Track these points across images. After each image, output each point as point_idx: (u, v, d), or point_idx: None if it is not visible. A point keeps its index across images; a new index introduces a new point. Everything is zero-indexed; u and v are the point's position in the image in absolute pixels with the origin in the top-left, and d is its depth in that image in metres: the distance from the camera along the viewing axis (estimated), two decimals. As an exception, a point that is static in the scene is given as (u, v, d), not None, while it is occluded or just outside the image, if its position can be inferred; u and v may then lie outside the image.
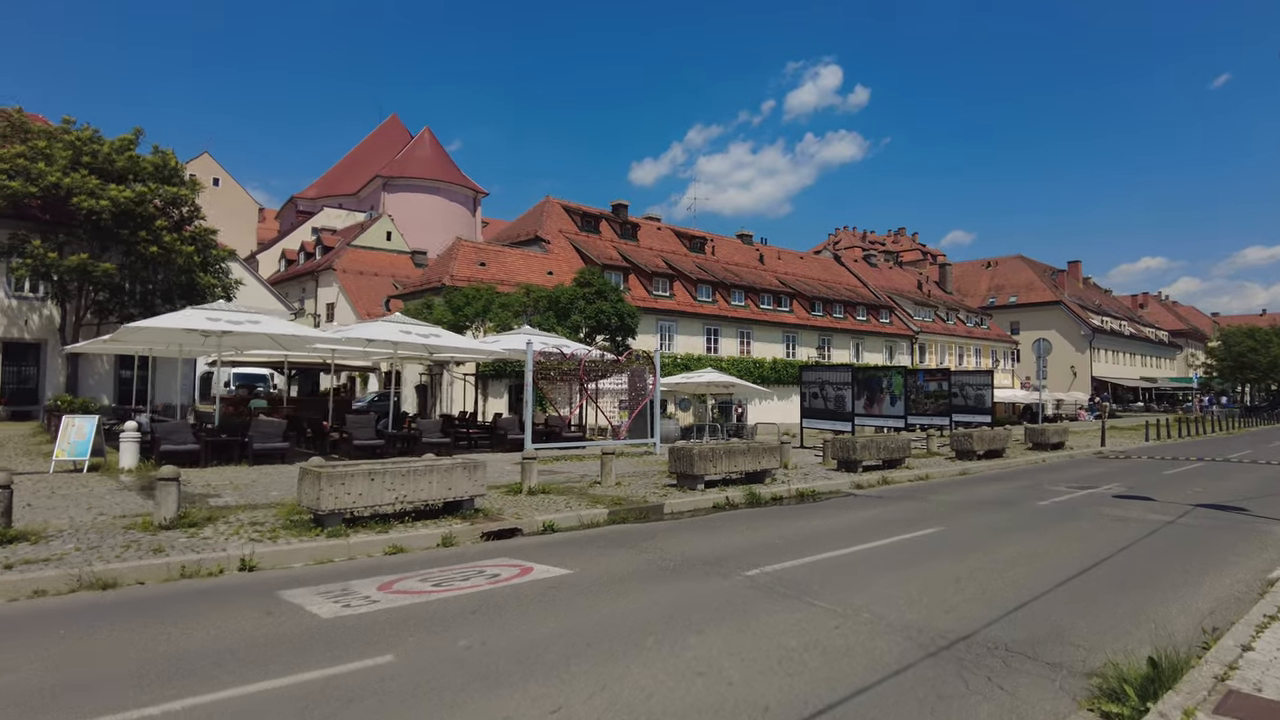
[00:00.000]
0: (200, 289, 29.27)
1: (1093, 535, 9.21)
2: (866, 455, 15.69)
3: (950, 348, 54.58)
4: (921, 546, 8.55)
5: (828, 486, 13.96)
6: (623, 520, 10.37)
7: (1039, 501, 12.19)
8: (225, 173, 71.26)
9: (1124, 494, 13.20)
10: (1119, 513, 11.02)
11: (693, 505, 11.53)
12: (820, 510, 11.60)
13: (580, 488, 12.57)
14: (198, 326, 15.03)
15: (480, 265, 34.93)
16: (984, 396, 24.49)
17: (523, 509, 10.38)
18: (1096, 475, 16.75)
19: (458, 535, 8.95)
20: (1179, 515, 10.73)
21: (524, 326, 21.69)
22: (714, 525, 10.08)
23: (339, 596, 6.32)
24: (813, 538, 9.01)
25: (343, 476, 8.67)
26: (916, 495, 13.26)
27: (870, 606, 5.99)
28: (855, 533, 9.39)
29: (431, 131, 79.99)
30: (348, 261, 53.46)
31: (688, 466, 12.43)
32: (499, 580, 6.91)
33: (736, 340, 43.80)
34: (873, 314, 51.47)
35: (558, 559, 7.80)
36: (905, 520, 10.39)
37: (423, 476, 9.36)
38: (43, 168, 25.00)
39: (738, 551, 8.17)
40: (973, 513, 11.13)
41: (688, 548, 8.38)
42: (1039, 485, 14.65)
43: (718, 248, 49.64)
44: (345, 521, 8.88)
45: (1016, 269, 68.93)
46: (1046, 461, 20.24)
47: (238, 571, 7.31)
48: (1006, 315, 64.96)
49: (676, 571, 7.25)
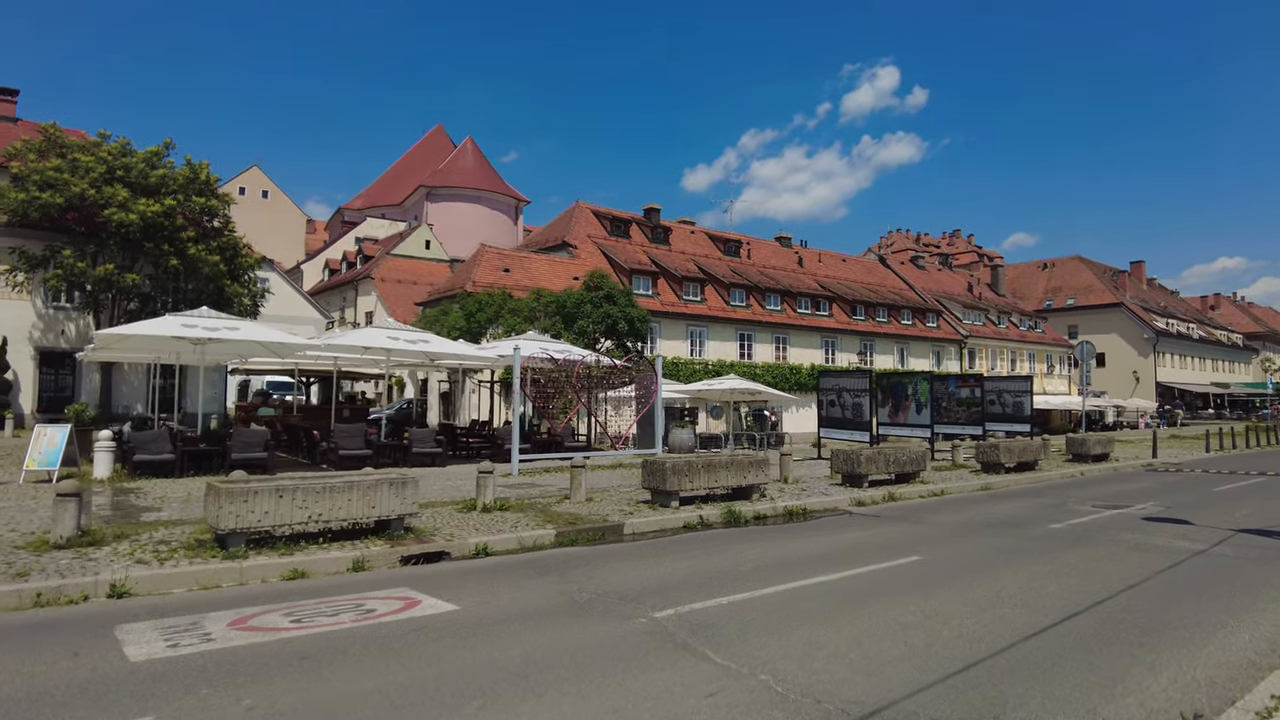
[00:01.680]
0: (227, 298, 29.50)
1: (1098, 569, 7.87)
2: (873, 469, 14.38)
3: (1002, 353, 51.96)
4: (887, 580, 7.39)
5: (823, 504, 12.75)
6: (572, 542, 9.43)
7: (1052, 524, 10.77)
8: (274, 185, 72.94)
9: (1156, 516, 11.63)
10: (1141, 539, 9.57)
11: (659, 525, 10.52)
12: (802, 532, 10.46)
13: (546, 504, 11.68)
14: (173, 334, 14.74)
15: (504, 271, 34.50)
16: (1023, 404, 22.71)
17: (465, 529, 9.54)
18: (1134, 492, 15.07)
19: (373, 559, 8.15)
20: (1213, 544, 9.23)
21: (529, 332, 20.95)
22: (668, 550, 9.06)
23: (177, 634, 5.55)
24: (768, 566, 7.93)
25: (245, 493, 7.96)
26: (918, 515, 11.96)
27: (774, 664, 4.93)
28: (821, 561, 8.25)
29: (474, 141, 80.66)
30: (386, 270, 53.95)
31: (660, 482, 11.42)
32: (370, 617, 6.06)
33: (772, 346, 42.44)
34: (919, 318, 49.40)
35: (458, 591, 6.91)
36: (888, 545, 9.18)
37: (341, 494, 8.59)
38: (69, 179, 25.43)
39: (670, 584, 7.16)
40: (970, 537, 9.83)
41: (617, 579, 7.40)
42: (1063, 504, 13.13)
43: (754, 251, 48.34)
44: (253, 542, 8.17)
45: (1075, 270, 65.44)
46: (1085, 475, 18.47)
47: (106, 598, 6.64)
48: (1064, 318, 61.67)
49: (580, 610, 6.28)
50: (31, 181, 25.76)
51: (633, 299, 23.22)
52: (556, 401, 17.73)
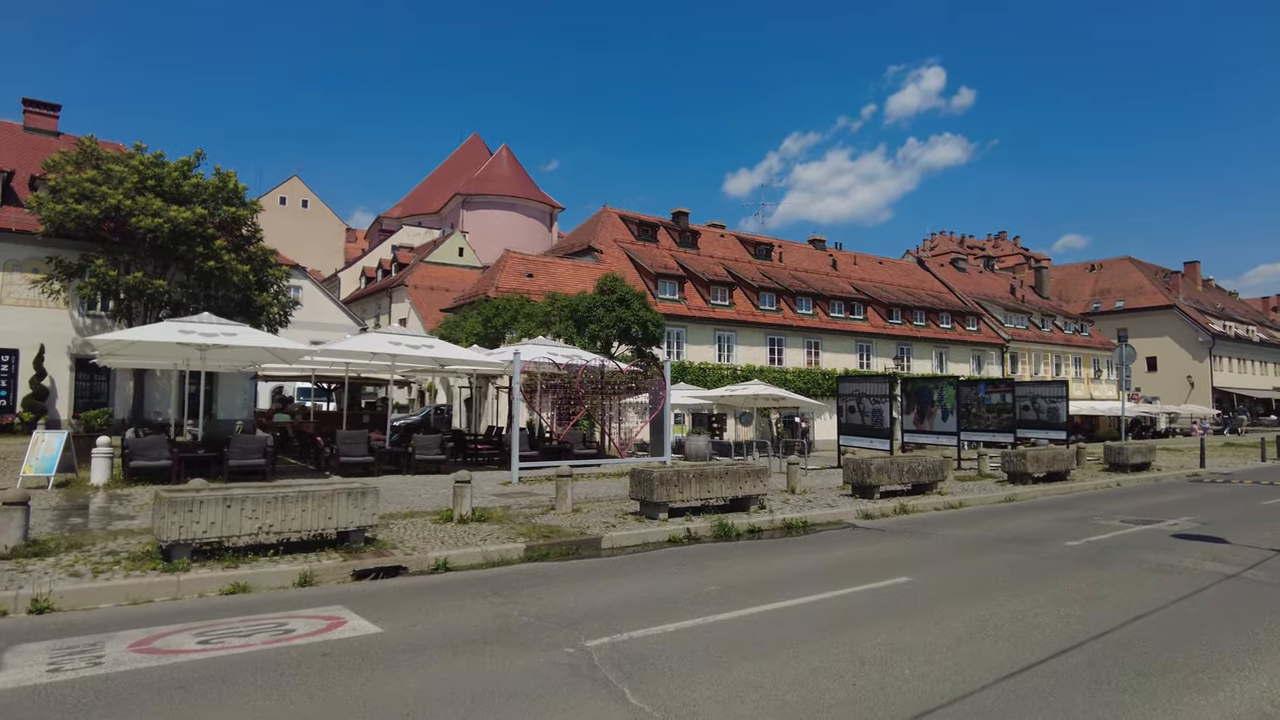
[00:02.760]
0: (256, 307, 29.81)
1: (1108, 594, 7.04)
2: (884, 479, 13.56)
3: (1046, 357, 49.96)
4: (865, 604, 6.69)
5: (826, 516, 12.01)
6: (543, 557, 8.90)
7: (1069, 541, 9.86)
8: (314, 195, 74.36)
9: (1189, 532, 10.62)
10: (1164, 559, 8.65)
11: (640, 539, 9.93)
12: (793, 547, 9.77)
13: (530, 515, 11.18)
14: (170, 339, 14.69)
15: (527, 276, 34.27)
16: (1058, 409, 21.49)
17: (431, 542, 9.09)
18: (1170, 505, 13.94)
19: (322, 573, 7.74)
20: (1248, 566, 8.28)
21: (540, 337, 20.55)
22: (640, 567, 8.48)
23: (68, 656, 5.18)
24: (738, 587, 7.29)
25: (189, 503, 7.63)
26: (927, 529, 11.14)
27: (695, 707, 4.32)
28: (799, 581, 7.58)
29: (509, 149, 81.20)
30: (419, 277, 54.39)
31: (647, 492, 10.83)
32: (284, 638, 5.62)
33: (803, 350, 41.46)
34: (958, 321, 47.81)
35: (393, 611, 6.44)
36: (879, 564, 8.45)
37: (295, 504, 8.21)
38: (105, 190, 25.91)
39: (621, 607, 6.58)
40: (974, 555, 9.02)
41: (567, 600, 6.84)
42: (1088, 518, 12.14)
43: (786, 254, 47.40)
44: (201, 554, 7.86)
45: (1124, 271, 62.70)
46: (1121, 486, 17.28)
47: (26, 613, 6.34)
48: (1112, 321, 59.07)
49: (509, 636, 5.75)
50: (68, 193, 26.32)
51: (647, 302, 22.66)
52: (562, 408, 17.25)
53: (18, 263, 28.64)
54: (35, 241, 27.38)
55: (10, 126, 34.05)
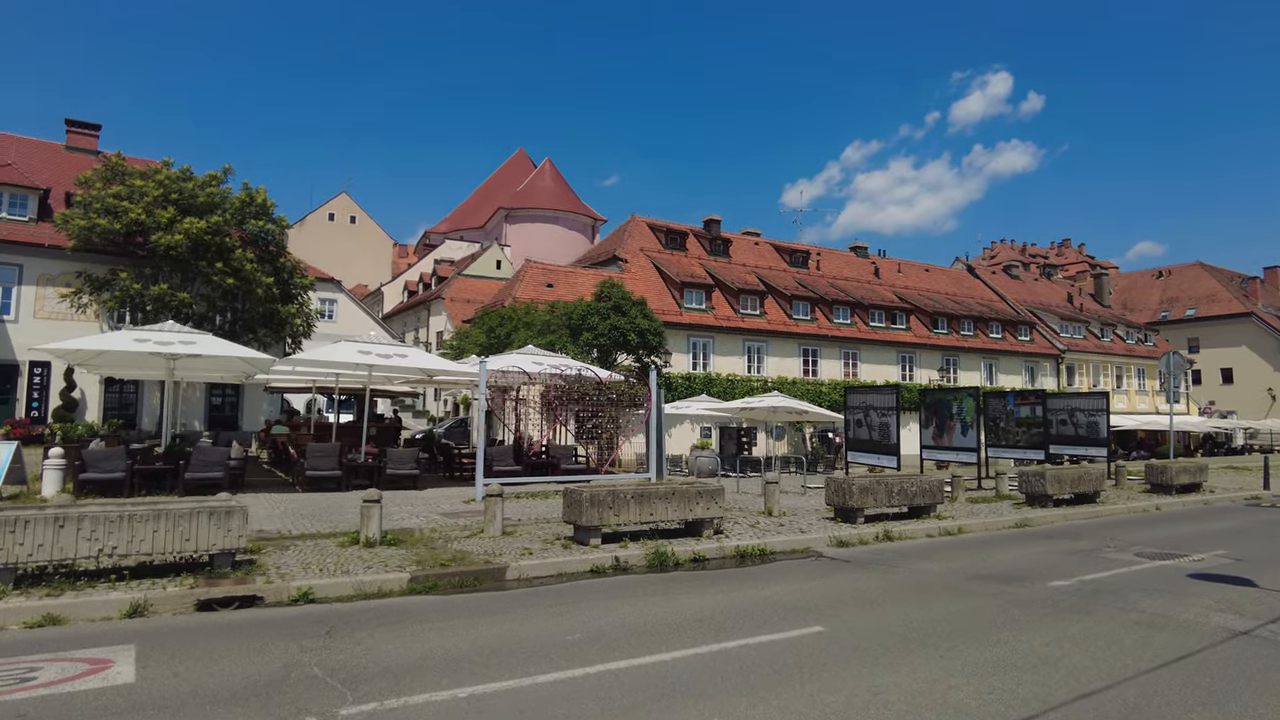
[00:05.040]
0: (281, 319, 29.87)
1: (1062, 657, 5.56)
2: (870, 501, 12.07)
3: (1105, 368, 46.64)
4: (745, 663, 5.41)
5: (792, 543, 10.64)
6: (429, 590, 7.86)
7: (1058, 580, 8.26)
8: (362, 211, 75.73)
9: (1212, 571, 8.87)
10: (1165, 607, 7.03)
11: (557, 569, 8.79)
12: (728, 581, 8.49)
13: (451, 538, 10.16)
14: (125, 348, 14.33)
15: (547, 286, 33.56)
16: (1097, 424, 19.41)
17: (310, 569, 8.16)
18: (1206, 535, 12.01)
19: (160, 603, 6.88)
20: (1267, 621, 6.61)
21: (528, 347, 19.64)
22: (525, 604, 7.35)
23: None
24: (609, 636, 6.09)
25: (12, 523, 6.87)
26: (899, 561, 9.67)
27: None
28: (691, 628, 6.33)
29: (552, 162, 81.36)
30: (456, 290, 54.52)
31: (576, 515, 9.70)
32: (17, 688, 4.73)
33: (840, 361, 39.63)
34: (1009, 330, 45.12)
35: (175, 655, 5.49)
36: (802, 608, 7.09)
37: (144, 524, 7.39)
38: (126, 205, 26.26)
39: (441, 661, 5.47)
40: (928, 598, 7.56)
41: (389, 649, 5.75)
42: (1097, 550, 10.41)
43: (824, 261, 45.66)
44: (30, 579, 7.09)
45: (1195, 278, 58.38)
46: (1160, 510, 15.24)
47: None
48: (1182, 331, 54.98)
49: (268, 697, 4.71)
50: (92, 209, 26.80)
51: (647, 310, 21.52)
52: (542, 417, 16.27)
53: (51, 277, 29.32)
54: (66, 256, 27.98)
55: (53, 146, 35.15)
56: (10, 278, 29.32)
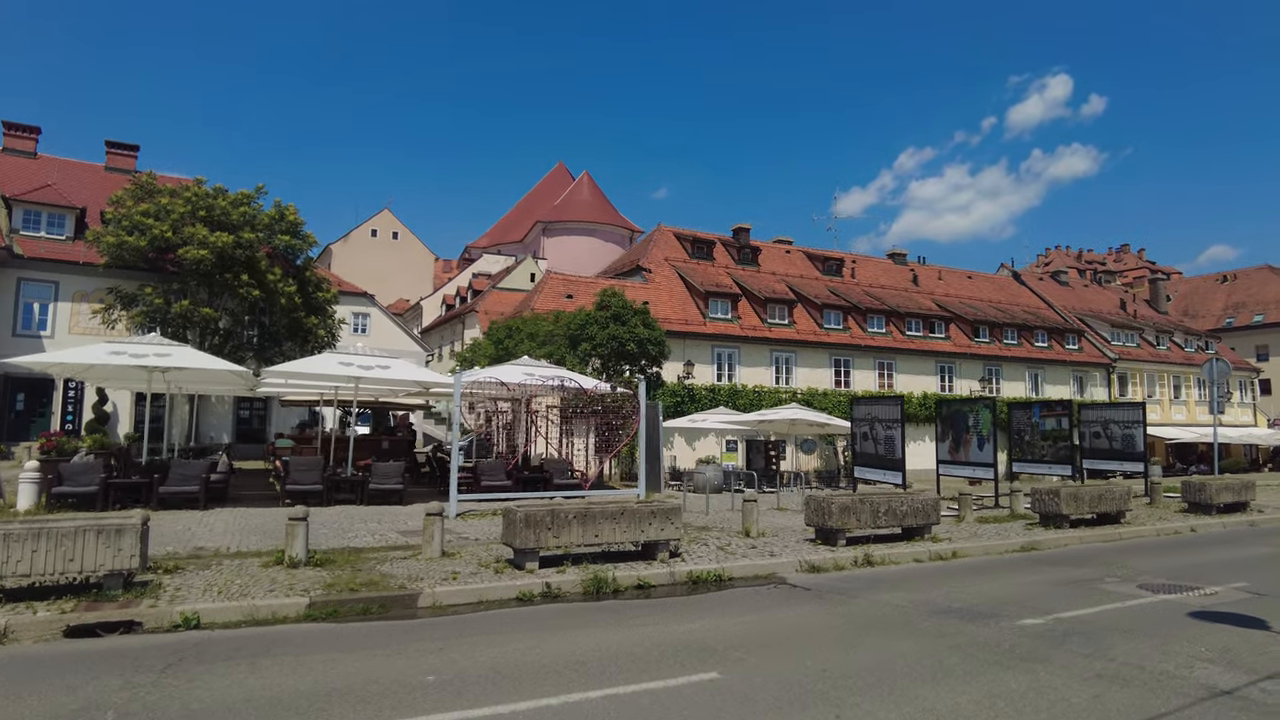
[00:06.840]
0: (304, 331, 30.13)
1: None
2: (852, 522, 11.08)
3: (1161, 377, 43.89)
4: (609, 717, 4.64)
5: (756, 568, 9.76)
6: (329, 616, 7.27)
7: (1031, 619, 7.18)
8: (404, 227, 76.90)
9: (1220, 609, 7.66)
10: (1144, 656, 5.93)
11: (478, 595, 8.11)
12: (662, 612, 7.68)
13: (384, 559, 9.57)
14: (97, 361, 14.27)
15: (566, 297, 33.13)
16: (1133, 436, 17.87)
17: (211, 592, 7.66)
18: (1230, 564, 10.59)
19: (22, 629, 6.45)
20: (1264, 676, 5.52)
21: (523, 358, 19.11)
22: (416, 638, 6.70)
23: None
24: (470, 678, 5.38)
25: (-124, 543, 6.52)
26: (866, 590, 8.69)
27: None
28: (572, 670, 5.57)
29: (590, 175, 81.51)
30: (489, 304, 54.67)
31: (512, 537, 9.01)
32: None
33: (874, 372, 38.16)
34: (1056, 339, 42.91)
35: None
36: (716, 649, 6.24)
37: (21, 544, 7.01)
38: (152, 223, 26.81)
39: (261, 704, 4.85)
40: (866, 638, 6.60)
41: (212, 691, 5.15)
42: (1097, 580, 9.21)
43: (860, 269, 44.26)
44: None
45: (1263, 282, 54.70)
46: (1195, 533, 13.75)
47: None
48: (1249, 338, 51.51)
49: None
50: (121, 226, 27.43)
51: (649, 319, 20.77)
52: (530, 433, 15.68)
53: (85, 294, 30.09)
54: (99, 273, 28.69)
55: (93, 167, 36.25)
56: (47, 295, 30.20)
